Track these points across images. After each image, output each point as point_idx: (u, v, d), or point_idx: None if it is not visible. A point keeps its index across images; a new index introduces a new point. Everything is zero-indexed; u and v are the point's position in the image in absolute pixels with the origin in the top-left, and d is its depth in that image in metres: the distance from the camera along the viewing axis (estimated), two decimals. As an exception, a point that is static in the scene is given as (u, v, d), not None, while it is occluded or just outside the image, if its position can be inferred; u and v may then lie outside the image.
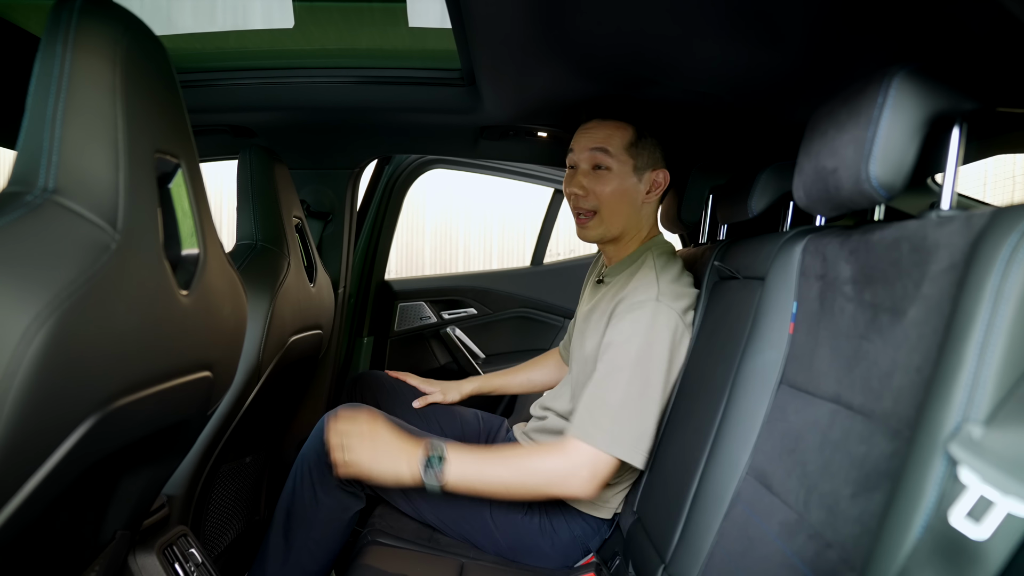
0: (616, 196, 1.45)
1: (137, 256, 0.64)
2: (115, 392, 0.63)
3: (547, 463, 1.28)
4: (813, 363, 0.91)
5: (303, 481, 1.45)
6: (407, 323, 2.71)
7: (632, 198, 1.46)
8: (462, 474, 1.26)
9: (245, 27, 1.64)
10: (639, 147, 1.43)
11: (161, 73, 0.74)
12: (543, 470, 1.28)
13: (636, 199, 1.47)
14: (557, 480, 1.27)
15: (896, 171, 0.75)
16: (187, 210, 0.79)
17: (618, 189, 1.44)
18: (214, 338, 0.84)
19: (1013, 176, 5.00)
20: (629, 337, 1.29)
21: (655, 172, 1.46)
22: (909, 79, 0.74)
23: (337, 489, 1.44)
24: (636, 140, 1.43)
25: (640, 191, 1.46)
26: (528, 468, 1.28)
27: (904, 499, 0.58)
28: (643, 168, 1.45)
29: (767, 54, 1.09)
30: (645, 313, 1.30)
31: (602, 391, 1.29)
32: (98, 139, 0.62)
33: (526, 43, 1.18)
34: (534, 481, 1.28)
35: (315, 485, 1.44)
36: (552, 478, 1.27)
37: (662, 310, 1.31)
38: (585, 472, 1.26)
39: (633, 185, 1.45)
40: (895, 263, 0.76)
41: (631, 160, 1.43)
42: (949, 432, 0.56)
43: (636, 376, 1.28)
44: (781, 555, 0.83)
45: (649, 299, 1.31)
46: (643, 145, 1.44)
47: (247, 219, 1.43)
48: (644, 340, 1.29)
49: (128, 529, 0.91)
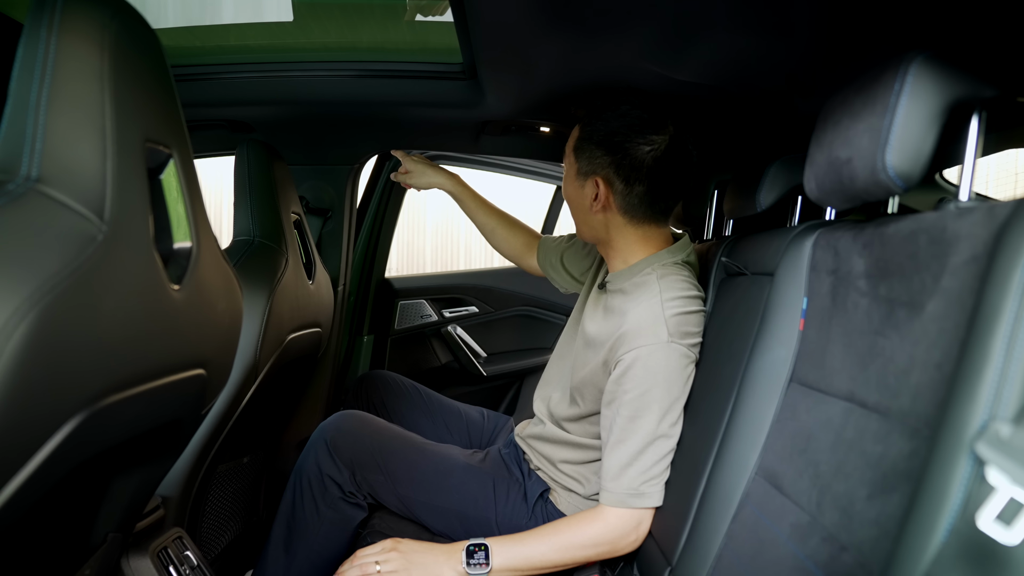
0: (568, 199, 1.42)
1: (125, 248, 0.62)
2: (102, 390, 0.60)
3: (589, 534, 1.24)
4: (825, 360, 0.89)
5: (303, 495, 1.41)
6: (408, 321, 2.68)
7: (577, 203, 1.38)
8: (506, 560, 1.22)
9: (243, 20, 1.62)
10: (583, 150, 1.33)
11: (152, 60, 0.72)
12: (589, 543, 1.24)
13: (582, 205, 1.36)
14: (606, 547, 1.24)
15: (914, 160, 0.73)
16: (179, 202, 0.76)
17: (567, 192, 1.41)
18: (207, 334, 0.81)
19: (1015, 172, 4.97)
20: (645, 388, 1.22)
21: (593, 179, 1.32)
22: (927, 65, 0.71)
23: (340, 501, 1.41)
24: (580, 143, 1.34)
25: (584, 196, 1.35)
26: (572, 544, 1.24)
27: (927, 501, 0.56)
28: (584, 173, 1.34)
29: (775, 44, 1.07)
30: (657, 360, 1.22)
31: (627, 449, 1.23)
32: (84, 126, 0.59)
33: (529, 35, 1.15)
34: (583, 555, 1.25)
35: (316, 499, 1.40)
36: (600, 548, 1.24)
37: (674, 350, 1.23)
38: (630, 531, 1.24)
39: (575, 189, 1.37)
40: (912, 256, 0.73)
41: (575, 164, 1.35)
42: (975, 431, 0.53)
43: (657, 422, 1.22)
44: (793, 558, 0.81)
45: (659, 343, 1.22)
46: (585, 148, 1.32)
47: (244, 215, 1.41)
48: (662, 386, 1.22)
49: (120, 532, 0.89)
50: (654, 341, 1.22)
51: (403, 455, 1.45)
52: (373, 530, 1.39)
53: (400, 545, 1.23)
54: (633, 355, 1.22)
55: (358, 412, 1.52)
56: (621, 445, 1.23)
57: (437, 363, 2.76)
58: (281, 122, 1.82)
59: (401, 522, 1.46)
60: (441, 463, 1.47)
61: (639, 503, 1.22)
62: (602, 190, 1.31)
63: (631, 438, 1.23)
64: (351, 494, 1.41)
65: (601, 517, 1.24)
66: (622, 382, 1.23)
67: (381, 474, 1.42)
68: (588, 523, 1.25)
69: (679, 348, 1.23)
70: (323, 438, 1.43)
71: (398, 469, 1.43)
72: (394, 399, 1.85)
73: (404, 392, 1.88)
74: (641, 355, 1.22)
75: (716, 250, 1.43)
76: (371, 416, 1.53)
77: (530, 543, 1.25)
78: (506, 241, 1.86)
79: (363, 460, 1.42)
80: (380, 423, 1.52)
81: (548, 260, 1.77)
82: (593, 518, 1.25)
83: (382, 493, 1.44)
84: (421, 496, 1.44)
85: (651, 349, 1.22)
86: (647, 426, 1.22)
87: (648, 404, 1.21)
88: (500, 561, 1.22)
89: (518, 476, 1.50)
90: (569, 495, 1.44)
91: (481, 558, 1.21)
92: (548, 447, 1.48)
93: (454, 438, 1.84)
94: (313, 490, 1.40)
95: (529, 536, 1.26)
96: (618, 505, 1.23)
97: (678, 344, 1.23)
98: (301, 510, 1.41)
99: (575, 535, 1.25)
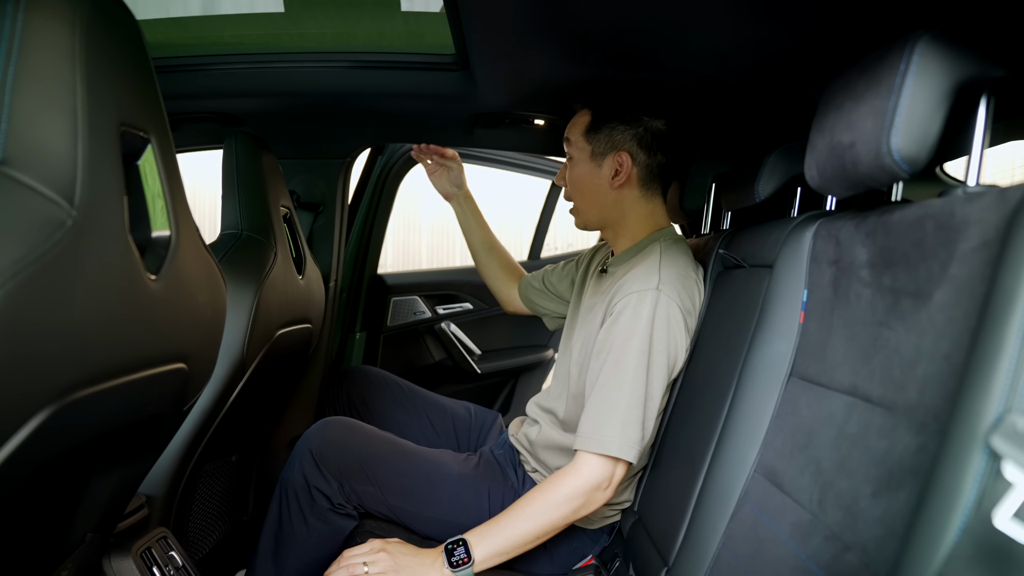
0: (579, 184, 1.45)
1: (98, 235, 0.59)
2: (73, 383, 0.58)
3: (563, 491, 1.22)
4: (826, 354, 0.86)
5: (290, 507, 1.37)
6: (400, 318, 2.65)
7: (593, 184, 1.42)
8: (488, 548, 1.20)
9: (233, 11, 1.59)
10: (597, 133, 1.40)
11: (129, 42, 0.69)
12: (563, 499, 1.21)
13: (599, 185, 1.42)
14: (579, 501, 1.21)
15: (920, 143, 0.70)
16: (157, 189, 0.74)
17: (579, 177, 1.44)
18: (188, 327, 0.78)
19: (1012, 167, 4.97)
20: (629, 334, 1.24)
21: (616, 155, 1.39)
22: (934, 44, 0.69)
23: (329, 512, 1.37)
24: (592, 126, 1.41)
25: (603, 176, 1.41)
26: (547, 505, 1.21)
27: (938, 498, 0.53)
28: (602, 153, 1.40)
29: (773, 30, 1.04)
30: (645, 306, 1.25)
31: (607, 395, 1.23)
32: (54, 107, 0.56)
33: (521, 24, 1.13)
34: (560, 514, 1.21)
35: (304, 511, 1.36)
36: (574, 503, 1.21)
37: (662, 300, 1.25)
38: (603, 482, 1.22)
39: (591, 171, 1.42)
40: (918, 243, 0.70)
41: (588, 146, 1.41)
42: (990, 424, 0.50)
43: (639, 374, 1.23)
44: (794, 558, 0.78)
45: (649, 288, 1.26)
46: (601, 130, 1.40)
47: (232, 208, 1.38)
48: (645, 335, 1.24)
49: (99, 532, 0.86)
50: (644, 287, 1.26)
51: (393, 464, 1.41)
52: (363, 530, 1.36)
53: (388, 546, 1.20)
54: (624, 302, 1.27)
55: (344, 419, 1.48)
56: (603, 391, 1.24)
57: (431, 360, 2.73)
58: (271, 115, 1.79)
59: (394, 528, 1.42)
60: (433, 473, 1.43)
61: (614, 449, 1.20)
62: (626, 163, 1.39)
63: (613, 384, 1.23)
64: (340, 505, 1.37)
65: (574, 469, 1.22)
66: (612, 330, 1.27)
67: (371, 485, 1.38)
68: (560, 479, 1.23)
69: (669, 300, 1.26)
70: (308, 448, 1.38)
71: (388, 480, 1.39)
72: (375, 396, 1.82)
73: (386, 388, 1.84)
74: (631, 302, 1.26)
75: (714, 244, 1.41)
76: (357, 423, 1.49)
77: (505, 522, 1.22)
78: (491, 267, 1.92)
79: (351, 471, 1.38)
80: (368, 430, 1.48)
81: (530, 286, 1.84)
82: (565, 472, 1.24)
83: (371, 504, 1.40)
84: (412, 507, 1.40)
85: (640, 296, 1.25)
86: (630, 372, 1.22)
87: (631, 351, 1.23)
88: (481, 552, 1.19)
89: (513, 481, 1.47)
90: None
91: (462, 554, 1.19)
92: (545, 452, 1.46)
93: (440, 438, 1.81)
94: (300, 502, 1.36)
95: (503, 516, 1.23)
96: (594, 450, 1.21)
97: (668, 297, 1.26)
98: (288, 522, 1.37)
99: (548, 496, 1.22)
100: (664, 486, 1.24)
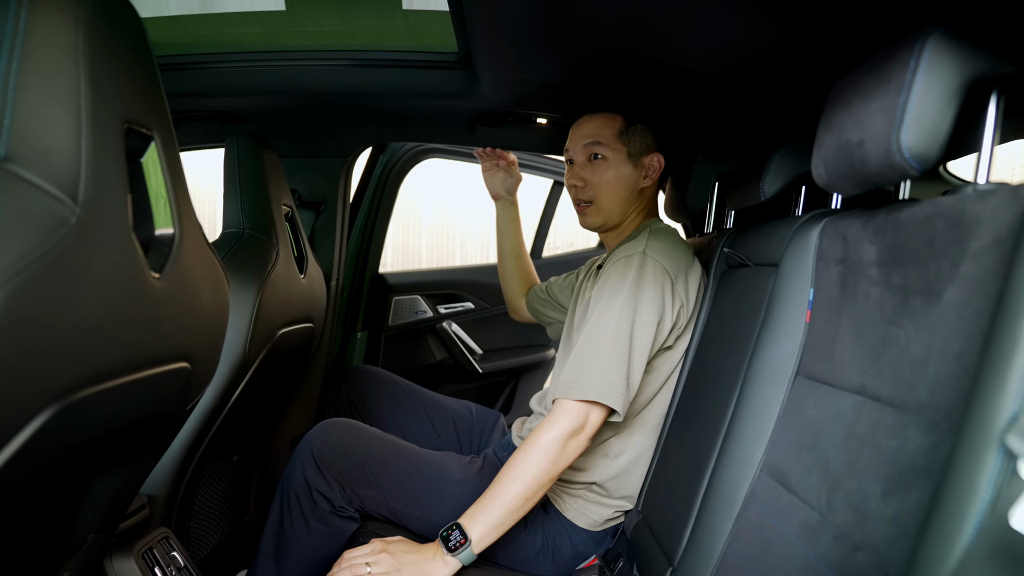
0: (612, 183, 1.50)
1: (101, 233, 0.58)
2: (76, 382, 0.57)
3: (540, 442, 1.22)
4: (834, 352, 0.86)
5: (291, 509, 1.37)
6: (402, 317, 2.64)
7: (629, 184, 1.50)
8: (483, 524, 1.20)
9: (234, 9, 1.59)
10: (630, 134, 1.49)
11: (133, 39, 0.68)
12: (540, 451, 1.21)
13: (633, 184, 1.51)
14: (555, 449, 1.21)
15: (931, 141, 0.69)
16: (161, 187, 0.73)
17: (614, 177, 1.49)
18: (191, 326, 0.78)
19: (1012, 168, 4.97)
20: (614, 291, 1.29)
21: (649, 156, 1.51)
22: (945, 40, 0.68)
23: (331, 515, 1.36)
24: (626, 128, 1.49)
25: (637, 176, 1.50)
26: (528, 463, 1.21)
27: (952, 498, 0.52)
28: (637, 154, 1.50)
29: (779, 28, 1.03)
30: (631, 267, 1.31)
31: (589, 346, 1.26)
32: (57, 103, 0.56)
33: (524, 22, 1.12)
34: (541, 467, 1.21)
35: (305, 514, 1.36)
36: (552, 452, 1.21)
37: (648, 261, 1.31)
38: (577, 428, 1.22)
39: (629, 171, 1.50)
40: (928, 241, 0.70)
41: (624, 147, 1.49)
42: (1004, 423, 0.50)
43: (622, 328, 1.25)
44: (803, 558, 0.78)
45: (635, 252, 1.33)
46: (634, 132, 1.49)
47: (234, 207, 1.37)
48: (631, 291, 1.28)
49: (101, 532, 0.85)
50: (632, 252, 1.34)
51: (395, 467, 1.41)
52: (364, 529, 1.35)
53: (389, 546, 1.19)
54: (612, 267, 1.34)
55: (346, 421, 1.48)
56: (586, 343, 1.27)
57: (432, 360, 2.72)
58: (272, 113, 1.78)
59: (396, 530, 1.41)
60: (435, 476, 1.43)
61: (595, 396, 1.21)
62: (659, 164, 1.51)
63: (595, 336, 1.26)
64: (341, 508, 1.36)
65: (549, 418, 1.24)
66: (599, 292, 1.32)
67: (373, 488, 1.38)
68: (535, 433, 1.24)
69: (655, 263, 1.32)
70: (309, 450, 1.38)
71: (390, 483, 1.39)
72: (375, 396, 1.81)
73: (387, 388, 1.84)
74: (619, 265, 1.33)
75: (718, 242, 1.40)
76: (360, 424, 1.49)
77: (492, 494, 1.22)
78: (512, 275, 1.98)
79: (353, 474, 1.37)
80: (369, 432, 1.48)
81: (536, 296, 1.92)
82: (541, 424, 1.25)
83: (373, 507, 1.39)
84: (414, 510, 1.40)
85: (627, 259, 1.33)
86: (612, 325, 1.25)
87: (615, 306, 1.27)
88: (477, 530, 1.19)
89: None
90: (575, 501, 1.41)
91: (458, 537, 1.19)
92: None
93: (441, 438, 1.80)
94: (302, 505, 1.36)
95: (489, 490, 1.23)
96: (572, 397, 1.22)
97: (654, 259, 1.32)
98: (290, 524, 1.36)
99: (526, 452, 1.22)
100: (669, 486, 1.23)
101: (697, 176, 1.66)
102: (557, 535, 1.40)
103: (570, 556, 1.40)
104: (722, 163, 1.65)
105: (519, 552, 1.37)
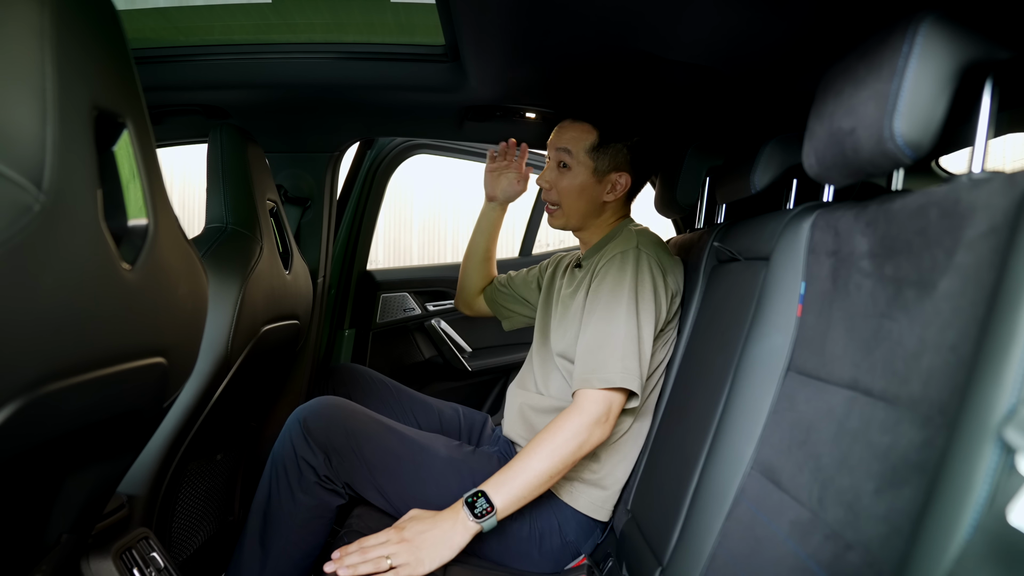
0: (574, 193, 1.55)
1: (68, 222, 0.56)
2: (42, 376, 0.55)
3: (568, 428, 1.27)
4: (825, 347, 0.84)
5: (279, 481, 1.37)
6: (390, 315, 2.61)
7: (590, 196, 1.55)
8: (508, 494, 1.23)
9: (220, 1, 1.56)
10: (600, 151, 1.52)
11: (104, 24, 0.66)
12: (570, 435, 1.26)
13: (595, 197, 1.56)
14: (584, 436, 1.26)
15: (924, 127, 0.68)
16: (134, 176, 0.71)
17: (575, 187, 1.54)
18: (167, 320, 0.75)
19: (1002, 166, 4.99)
20: (617, 285, 1.35)
21: (617, 175, 1.54)
22: (938, 25, 0.67)
23: (316, 486, 1.37)
24: (599, 144, 1.52)
25: (599, 191, 1.55)
26: (557, 446, 1.26)
27: (947, 495, 0.51)
28: (604, 171, 1.53)
29: (767, 18, 1.02)
30: (628, 262, 1.37)
31: (602, 337, 1.31)
32: (20, 86, 0.53)
33: (511, 14, 1.10)
34: (568, 450, 1.26)
35: (292, 485, 1.36)
36: (579, 438, 1.26)
37: (643, 256, 1.39)
38: (601, 417, 1.28)
39: (591, 185, 1.54)
40: (921, 231, 0.68)
41: (591, 163, 1.53)
42: (1002, 416, 0.48)
43: (631, 318, 1.31)
44: (793, 557, 0.76)
45: (630, 248, 1.41)
46: (606, 150, 1.52)
47: (217, 201, 1.34)
48: (632, 284, 1.34)
49: (75, 532, 0.83)
50: (626, 248, 1.42)
51: (378, 441, 1.41)
52: (350, 529, 1.33)
53: (404, 532, 1.19)
54: (608, 264, 1.40)
55: (336, 398, 1.48)
56: (597, 335, 1.33)
57: (420, 358, 2.69)
58: (257, 107, 1.76)
59: (383, 519, 1.40)
60: (419, 452, 1.44)
61: (619, 383, 1.27)
62: (626, 183, 1.55)
63: (606, 328, 1.32)
64: (327, 479, 1.37)
65: (575, 407, 1.29)
66: (599, 288, 1.38)
67: (356, 459, 1.38)
68: (563, 418, 1.29)
69: (648, 257, 1.39)
70: (298, 419, 1.39)
71: (372, 455, 1.39)
72: (362, 395, 1.80)
73: (373, 388, 1.83)
74: (615, 261, 1.39)
75: (708, 237, 1.39)
76: (349, 402, 1.49)
77: (518, 467, 1.25)
78: (476, 274, 1.98)
79: (338, 444, 1.38)
80: (360, 410, 1.47)
81: (496, 290, 1.96)
82: (568, 412, 1.30)
83: (358, 480, 1.39)
84: (395, 485, 1.40)
85: (623, 255, 1.40)
86: (622, 316, 1.32)
87: (621, 298, 1.33)
88: (501, 499, 1.22)
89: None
90: (582, 485, 1.42)
91: (484, 505, 1.21)
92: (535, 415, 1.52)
93: None
94: (289, 476, 1.36)
95: (513, 462, 1.27)
96: (596, 386, 1.28)
97: (647, 254, 1.40)
98: (277, 496, 1.37)
99: (555, 436, 1.27)
100: (658, 484, 1.22)
101: (687, 171, 1.65)
102: (546, 526, 1.39)
103: (558, 546, 1.40)
104: (712, 157, 1.63)
105: (506, 539, 1.37)
